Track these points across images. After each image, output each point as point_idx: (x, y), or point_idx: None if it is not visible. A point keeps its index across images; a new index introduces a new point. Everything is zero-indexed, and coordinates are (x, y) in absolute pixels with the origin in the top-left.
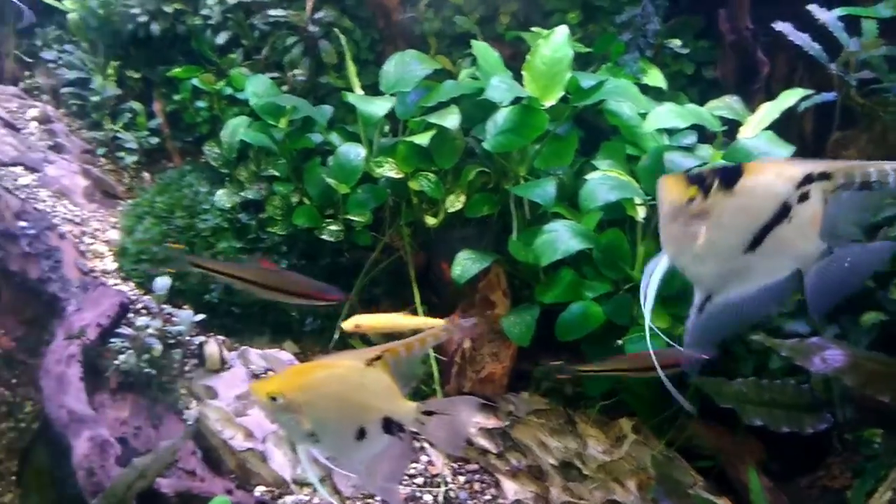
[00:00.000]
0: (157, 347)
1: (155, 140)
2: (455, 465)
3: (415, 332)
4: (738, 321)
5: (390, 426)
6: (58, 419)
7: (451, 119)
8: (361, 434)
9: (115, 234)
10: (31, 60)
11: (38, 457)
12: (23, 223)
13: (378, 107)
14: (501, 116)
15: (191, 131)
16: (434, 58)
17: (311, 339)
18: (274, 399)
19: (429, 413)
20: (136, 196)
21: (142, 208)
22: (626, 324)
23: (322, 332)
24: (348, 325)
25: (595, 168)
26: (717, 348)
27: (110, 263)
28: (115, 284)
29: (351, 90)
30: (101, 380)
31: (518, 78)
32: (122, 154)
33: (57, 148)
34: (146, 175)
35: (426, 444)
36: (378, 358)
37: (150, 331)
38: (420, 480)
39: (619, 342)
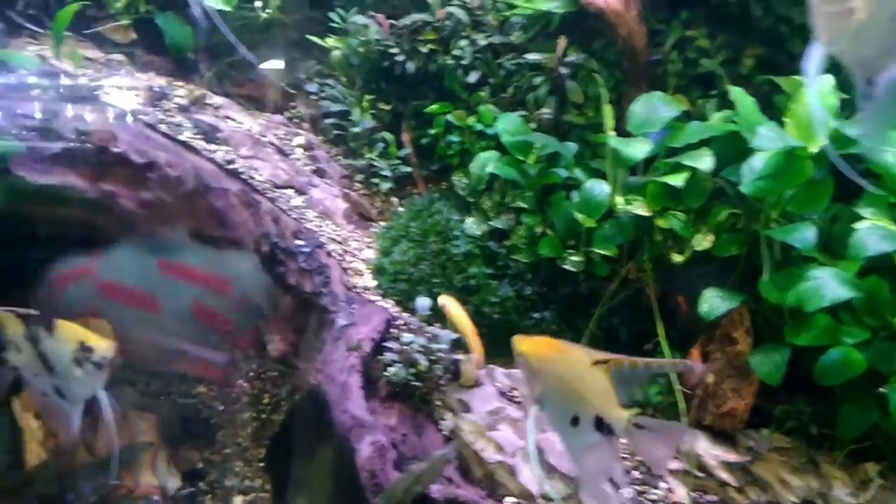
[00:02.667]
0: (424, 363)
1: (404, 168)
2: (695, 495)
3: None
4: None
5: (601, 425)
6: (341, 423)
7: (704, 161)
8: (575, 421)
9: (370, 254)
10: (293, 92)
11: (323, 455)
12: (300, 242)
13: (636, 149)
14: (760, 162)
15: (434, 161)
16: (673, 97)
17: None
18: (521, 356)
19: (639, 426)
20: (388, 219)
21: (396, 231)
22: (889, 372)
23: None
24: (442, 299)
25: (858, 216)
26: None
27: (369, 281)
28: (375, 301)
29: (592, 128)
30: (373, 389)
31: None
32: (376, 181)
33: (319, 173)
34: (395, 200)
35: (665, 472)
36: (605, 362)
37: (415, 346)
38: None
39: (882, 390)
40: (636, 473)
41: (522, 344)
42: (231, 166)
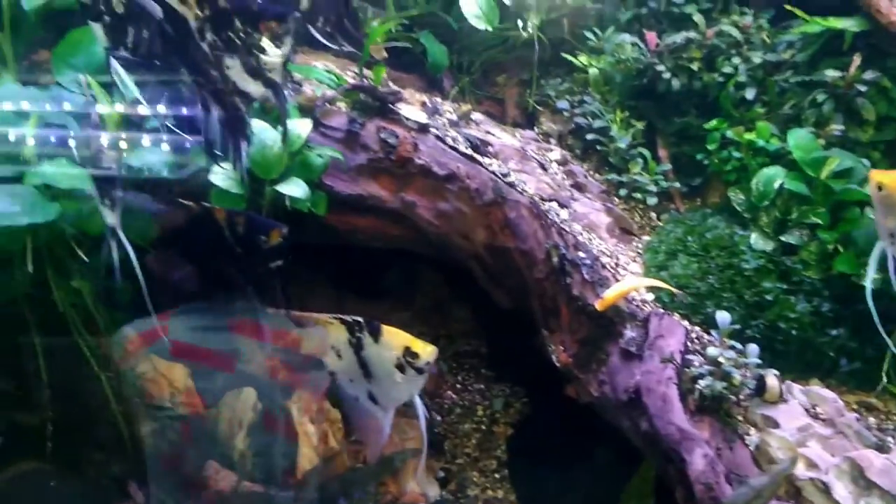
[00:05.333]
0: (737, 377)
1: (665, 184)
2: None
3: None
4: None
5: None
6: (668, 435)
7: None
8: None
9: (636, 268)
10: (539, 108)
11: (647, 467)
12: (581, 253)
13: None
14: None
15: (693, 177)
16: None
17: (842, 380)
18: (879, 189)
19: None
20: (649, 234)
21: (670, 245)
22: None
23: (853, 373)
24: (601, 305)
25: None
26: None
27: (645, 294)
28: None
29: (871, 146)
30: (683, 401)
31: None
32: (638, 195)
33: (578, 187)
34: (653, 215)
35: None
36: None
37: (721, 360)
38: None
39: None
40: None
41: (880, 176)
42: (507, 179)
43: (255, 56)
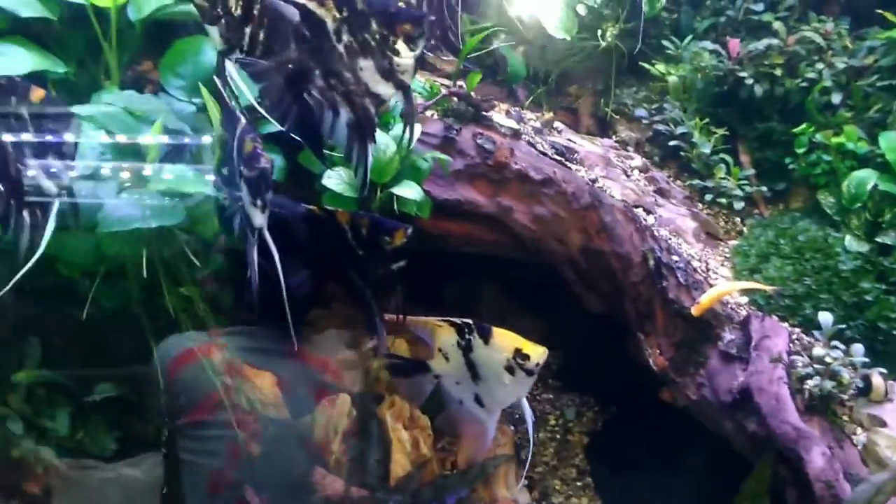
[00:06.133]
0: (846, 375)
1: (749, 189)
2: None
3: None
4: None
5: None
6: (783, 434)
7: None
8: None
9: (726, 272)
10: (616, 116)
11: (763, 467)
12: (675, 257)
13: None
14: None
15: (776, 181)
16: None
17: None
18: None
19: None
20: (736, 238)
21: (760, 249)
22: None
23: None
24: (697, 310)
25: None
26: None
27: (738, 297)
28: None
29: None
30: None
31: None
32: (722, 200)
33: (661, 193)
34: (737, 220)
35: None
36: None
37: (827, 360)
38: None
39: None
40: None
41: None
42: (596, 185)
43: (388, 58)
